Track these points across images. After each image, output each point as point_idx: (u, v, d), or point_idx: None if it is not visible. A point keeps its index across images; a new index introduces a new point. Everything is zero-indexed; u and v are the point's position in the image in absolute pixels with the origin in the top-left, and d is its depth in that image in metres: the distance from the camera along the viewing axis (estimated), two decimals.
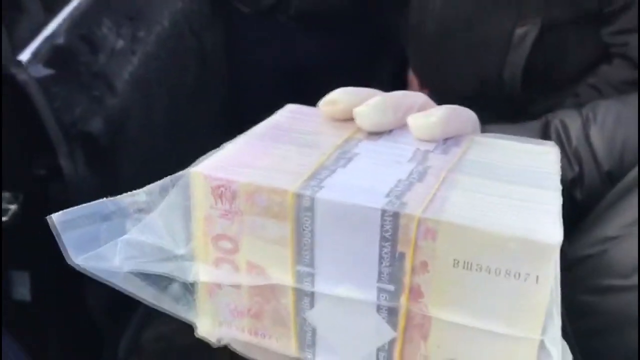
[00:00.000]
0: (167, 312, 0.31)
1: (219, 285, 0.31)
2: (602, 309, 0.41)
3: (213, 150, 0.32)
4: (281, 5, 1.53)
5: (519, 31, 0.84)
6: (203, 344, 0.33)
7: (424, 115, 0.33)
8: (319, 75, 1.66)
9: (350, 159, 0.30)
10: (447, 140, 0.33)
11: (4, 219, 1.07)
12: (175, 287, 0.31)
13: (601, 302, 0.41)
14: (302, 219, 0.28)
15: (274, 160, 0.30)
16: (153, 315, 1.06)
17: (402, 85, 1.72)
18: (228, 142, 0.33)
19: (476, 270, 0.26)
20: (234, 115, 1.74)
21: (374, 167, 0.30)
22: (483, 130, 0.68)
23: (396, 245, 0.26)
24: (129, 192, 0.31)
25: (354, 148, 0.32)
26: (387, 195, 0.27)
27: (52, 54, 1.12)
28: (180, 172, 0.30)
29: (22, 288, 1.09)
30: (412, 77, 1.39)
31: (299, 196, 0.27)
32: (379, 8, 1.57)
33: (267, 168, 0.29)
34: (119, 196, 0.31)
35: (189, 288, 0.31)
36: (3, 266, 1.08)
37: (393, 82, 1.70)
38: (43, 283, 1.10)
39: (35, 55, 1.08)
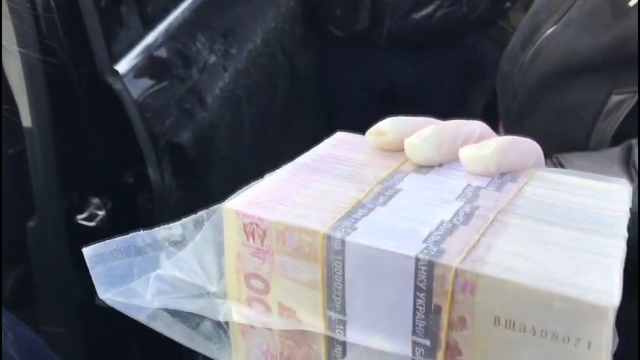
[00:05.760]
0: (199, 352, 0.30)
1: (251, 325, 0.29)
2: None
3: (256, 181, 0.31)
4: (374, 27, 1.52)
5: (615, 98, 0.78)
6: None
7: (477, 147, 0.30)
8: (411, 96, 1.65)
9: (391, 196, 0.28)
10: (504, 175, 0.30)
11: (92, 224, 1.10)
12: (207, 325, 0.30)
13: None
14: (332, 262, 0.26)
15: (311, 196, 0.28)
16: None
17: (494, 116, 1.67)
18: (270, 173, 0.31)
19: (519, 330, 0.23)
20: (324, 136, 1.74)
21: (416, 206, 0.27)
22: (560, 159, 0.64)
23: (431, 297, 0.24)
24: (165, 225, 0.30)
25: (398, 183, 0.29)
26: (425, 240, 0.25)
27: (148, 66, 1.15)
28: (214, 207, 0.29)
29: None
30: None
31: (329, 238, 0.25)
32: (464, 34, 1.55)
33: (302, 205, 0.28)
34: (154, 229, 0.30)
35: (222, 326, 0.30)
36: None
37: (485, 110, 1.66)
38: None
39: (131, 66, 1.11)
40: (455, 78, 1.62)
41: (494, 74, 1.12)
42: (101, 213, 1.11)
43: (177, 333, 0.29)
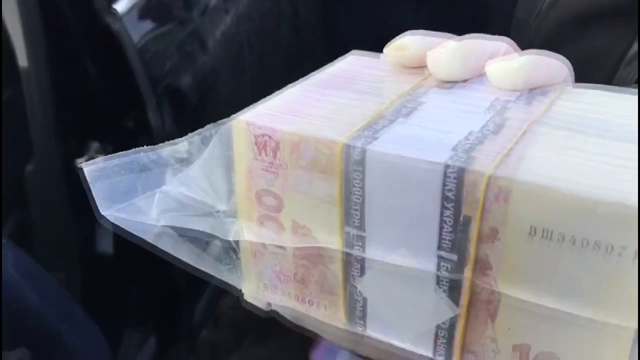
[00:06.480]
0: (207, 274, 0.28)
1: (264, 245, 0.28)
2: None
3: (266, 98, 0.29)
4: None
5: (637, 46, 0.75)
6: (281, 315, 0.30)
7: (505, 61, 0.28)
8: None
9: (414, 109, 0.26)
10: (533, 90, 0.28)
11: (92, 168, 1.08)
12: (216, 246, 0.28)
13: None
14: (351, 175, 0.24)
15: (327, 109, 0.27)
16: None
17: None
18: (282, 89, 0.29)
19: (557, 240, 0.21)
20: None
21: (441, 117, 0.26)
22: None
23: (460, 208, 0.22)
24: (170, 141, 0.28)
25: (421, 96, 0.27)
26: (454, 148, 0.23)
27: (147, 7, 1.12)
28: (223, 120, 0.27)
29: (105, 241, 1.11)
30: None
31: (348, 148, 0.24)
32: None
33: (318, 117, 0.26)
34: (159, 145, 0.28)
35: (233, 247, 0.28)
36: (89, 219, 1.10)
37: None
38: (126, 239, 1.12)
39: (130, 6, 1.08)
40: (462, 27, 1.58)
41: (504, 24, 1.08)
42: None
43: (184, 253, 0.28)
